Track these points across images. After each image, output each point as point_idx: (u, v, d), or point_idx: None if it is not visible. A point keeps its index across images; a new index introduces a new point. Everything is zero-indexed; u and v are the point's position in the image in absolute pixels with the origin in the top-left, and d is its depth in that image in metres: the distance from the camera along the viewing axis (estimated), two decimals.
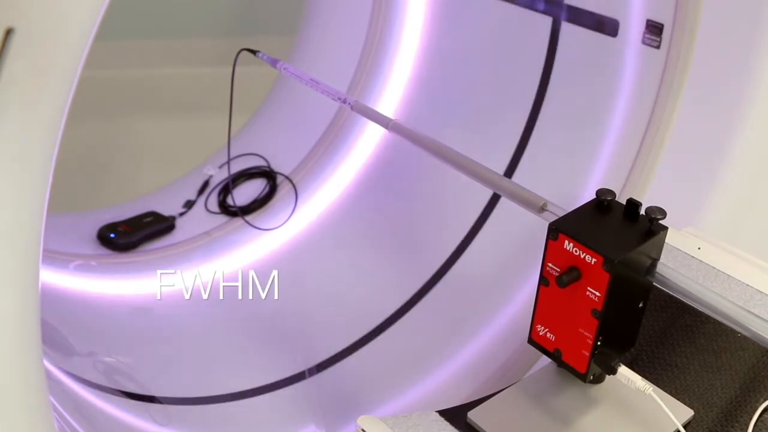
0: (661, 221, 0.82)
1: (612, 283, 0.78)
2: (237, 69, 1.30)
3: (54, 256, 1.48)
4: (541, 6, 1.44)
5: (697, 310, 0.87)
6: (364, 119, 1.35)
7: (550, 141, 1.49)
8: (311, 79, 1.24)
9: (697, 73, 1.22)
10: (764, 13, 1.12)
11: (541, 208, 0.93)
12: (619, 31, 1.33)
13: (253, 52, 1.29)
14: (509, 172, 1.53)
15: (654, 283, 0.84)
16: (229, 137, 1.43)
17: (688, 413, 0.88)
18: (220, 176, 1.76)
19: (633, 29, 1.30)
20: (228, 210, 1.71)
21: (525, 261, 1.45)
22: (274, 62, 1.28)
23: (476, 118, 1.62)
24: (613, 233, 0.81)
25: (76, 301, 1.45)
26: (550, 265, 0.83)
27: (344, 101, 1.19)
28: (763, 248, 1.15)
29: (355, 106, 1.18)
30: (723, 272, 1.02)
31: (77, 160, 1.96)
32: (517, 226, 1.49)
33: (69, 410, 1.03)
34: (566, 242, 0.80)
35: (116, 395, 1.27)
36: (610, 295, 0.79)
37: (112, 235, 1.58)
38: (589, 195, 1.06)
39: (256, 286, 1.40)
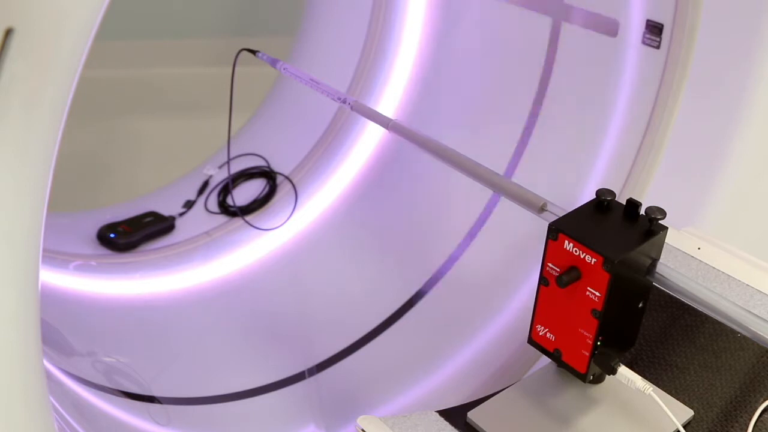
0: (661, 221, 0.82)
1: (612, 283, 0.78)
2: (237, 69, 1.30)
3: (54, 256, 1.48)
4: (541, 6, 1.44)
5: (697, 310, 0.87)
6: (364, 119, 1.35)
7: (550, 141, 1.49)
8: (311, 79, 1.24)
9: (697, 74, 1.22)
10: (764, 13, 1.12)
11: (541, 208, 0.93)
12: (619, 31, 1.33)
13: (253, 52, 1.29)
14: (509, 172, 1.53)
15: (654, 283, 0.84)
16: (229, 137, 1.43)
17: (688, 413, 0.88)
18: (220, 176, 1.76)
19: (633, 29, 1.30)
20: (228, 210, 1.71)
21: (525, 261, 1.45)
22: (274, 62, 1.28)
23: (476, 118, 1.62)
24: (613, 233, 0.81)
25: (76, 301, 1.45)
26: (550, 265, 0.83)
27: (344, 101, 1.20)
28: (763, 248, 1.15)
29: (355, 106, 1.18)
30: (723, 272, 1.02)
31: (77, 160, 1.96)
32: (517, 226, 1.48)
33: (69, 410, 1.03)
34: (566, 242, 0.80)
35: (116, 395, 1.27)
36: (610, 295, 0.79)
37: (112, 235, 1.58)
38: (589, 195, 1.06)
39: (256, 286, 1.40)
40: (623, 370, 0.83)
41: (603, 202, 0.84)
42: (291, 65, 1.27)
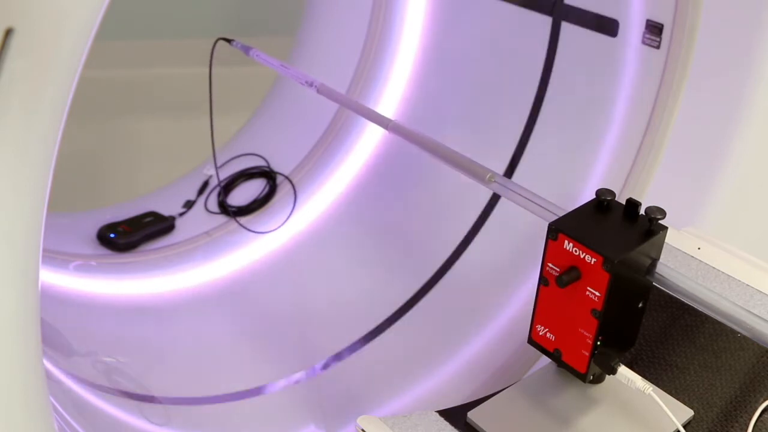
0: (660, 221, 0.82)
1: (612, 283, 0.78)
2: (237, 69, 1.31)
3: (54, 256, 1.48)
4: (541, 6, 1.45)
5: (697, 310, 0.87)
6: (364, 120, 1.35)
7: (550, 141, 1.49)
8: (281, 65, 1.28)
9: (697, 74, 1.22)
10: (764, 13, 1.12)
11: (489, 179, 0.99)
12: (619, 31, 1.33)
13: (229, 41, 1.31)
14: (509, 172, 1.53)
15: (654, 283, 0.84)
16: (212, 133, 1.43)
17: (688, 413, 0.88)
18: (220, 176, 1.76)
19: (633, 29, 1.30)
20: (228, 210, 1.71)
21: (525, 261, 1.45)
22: (247, 50, 1.32)
23: (476, 118, 1.62)
24: (613, 233, 0.82)
25: (76, 301, 1.45)
26: (549, 265, 0.83)
27: (311, 84, 1.23)
28: (763, 248, 1.15)
29: (321, 89, 1.23)
30: (723, 272, 1.02)
31: (77, 160, 1.96)
32: (517, 226, 1.49)
33: (69, 410, 1.03)
34: (566, 242, 0.80)
35: (116, 395, 1.27)
36: (610, 295, 0.79)
37: (112, 235, 1.58)
38: (589, 195, 1.06)
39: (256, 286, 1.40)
40: (623, 370, 0.83)
41: (603, 202, 0.84)
42: (263, 53, 1.31)
